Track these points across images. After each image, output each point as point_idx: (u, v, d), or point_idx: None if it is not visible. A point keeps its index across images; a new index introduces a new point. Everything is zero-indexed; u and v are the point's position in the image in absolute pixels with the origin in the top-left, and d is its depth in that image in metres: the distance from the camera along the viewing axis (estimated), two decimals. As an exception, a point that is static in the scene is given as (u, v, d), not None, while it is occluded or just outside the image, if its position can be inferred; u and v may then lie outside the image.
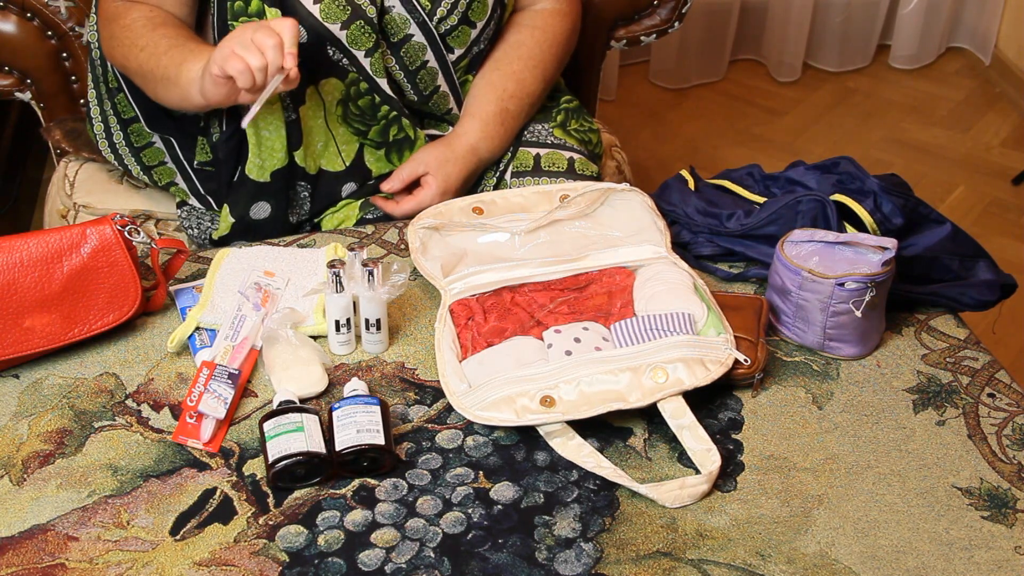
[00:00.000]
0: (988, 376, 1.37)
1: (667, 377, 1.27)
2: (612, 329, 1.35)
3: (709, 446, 1.24)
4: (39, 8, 1.83)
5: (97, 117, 1.72)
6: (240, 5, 1.54)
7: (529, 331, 1.36)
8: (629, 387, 1.27)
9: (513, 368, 1.29)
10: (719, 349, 1.31)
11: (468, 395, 1.28)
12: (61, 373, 1.35)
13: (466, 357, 1.34)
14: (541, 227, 1.48)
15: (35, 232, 1.33)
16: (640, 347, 1.30)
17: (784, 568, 1.14)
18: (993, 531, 1.19)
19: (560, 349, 1.31)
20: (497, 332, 1.36)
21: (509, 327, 1.37)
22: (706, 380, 1.28)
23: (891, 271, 1.34)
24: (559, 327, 1.35)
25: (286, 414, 1.23)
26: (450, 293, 1.42)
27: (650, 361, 1.28)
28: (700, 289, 1.40)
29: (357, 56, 1.56)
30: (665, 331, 1.32)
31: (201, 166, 1.68)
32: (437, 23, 1.60)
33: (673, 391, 1.27)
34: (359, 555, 1.15)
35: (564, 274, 1.46)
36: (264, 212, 1.61)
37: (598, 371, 1.27)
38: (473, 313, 1.40)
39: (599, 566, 1.14)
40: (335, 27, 1.53)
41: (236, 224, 1.61)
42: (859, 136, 3.30)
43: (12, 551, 1.15)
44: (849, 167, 1.51)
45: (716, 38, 3.46)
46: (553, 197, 1.51)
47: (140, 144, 1.69)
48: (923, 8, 3.51)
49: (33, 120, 1.98)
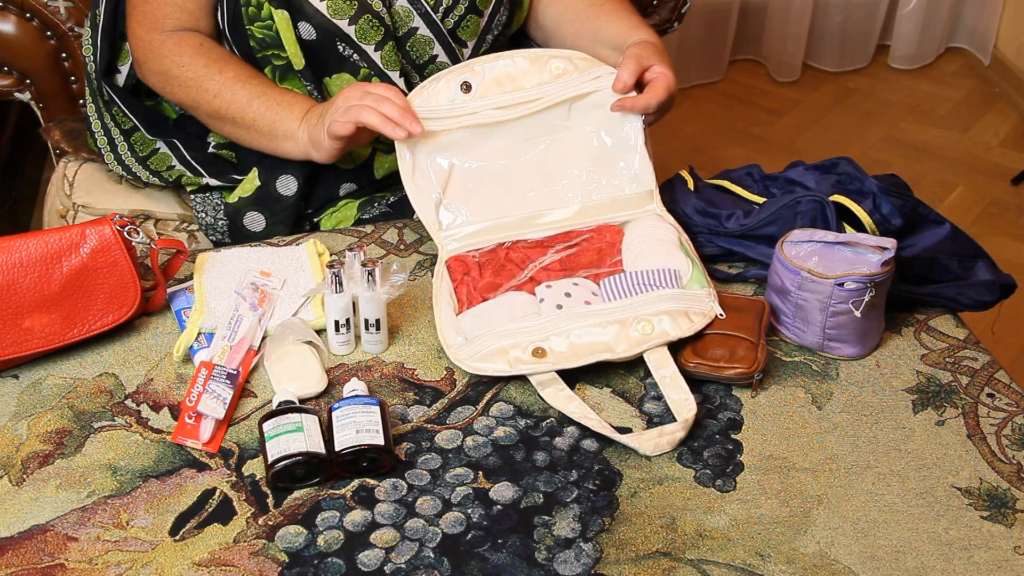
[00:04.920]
0: (987, 376, 1.37)
1: (653, 329, 1.33)
2: (601, 284, 1.40)
3: (687, 396, 1.29)
4: (39, 8, 1.83)
5: (99, 131, 1.72)
6: (254, 10, 1.56)
7: (522, 286, 1.41)
8: (616, 338, 1.33)
9: (506, 321, 1.35)
10: (702, 301, 1.37)
11: (464, 347, 1.34)
12: (61, 373, 1.35)
13: (462, 311, 1.39)
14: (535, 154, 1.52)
15: (34, 232, 1.33)
16: (628, 301, 1.36)
17: (784, 568, 1.14)
18: (992, 531, 1.19)
19: (551, 303, 1.37)
20: (492, 287, 1.41)
21: (503, 282, 1.42)
22: (690, 331, 1.34)
23: (890, 271, 1.34)
24: (550, 282, 1.40)
25: (285, 414, 1.23)
26: (446, 249, 1.47)
27: (637, 314, 1.34)
28: (685, 244, 1.45)
29: (367, 51, 1.56)
30: (652, 286, 1.38)
31: (218, 148, 1.68)
32: (444, 15, 1.60)
33: (658, 342, 1.33)
34: (359, 555, 1.15)
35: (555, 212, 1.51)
36: (290, 188, 1.61)
37: (587, 324, 1.33)
38: (469, 269, 1.44)
39: (599, 566, 1.14)
40: (343, 23, 1.53)
41: (259, 190, 1.61)
42: (858, 136, 3.31)
43: (12, 551, 1.15)
44: (848, 168, 1.51)
45: (716, 38, 3.46)
46: (544, 65, 1.51)
47: (145, 152, 1.69)
48: (922, 8, 3.51)
49: (32, 120, 1.98)
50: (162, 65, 1.59)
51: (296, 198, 1.61)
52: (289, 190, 1.61)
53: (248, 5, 1.56)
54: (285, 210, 1.62)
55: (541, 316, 1.35)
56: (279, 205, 1.61)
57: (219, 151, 1.67)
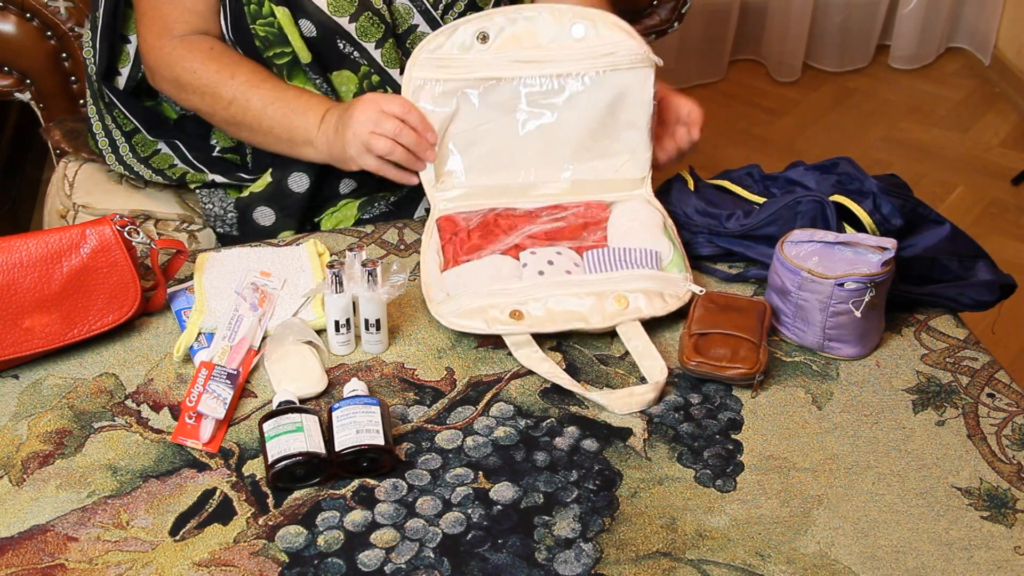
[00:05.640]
0: (988, 376, 1.37)
1: (628, 305, 1.37)
2: (584, 256, 1.44)
3: (660, 362, 1.33)
4: (39, 8, 1.83)
5: (100, 132, 1.72)
6: (255, 8, 1.56)
7: (508, 251, 1.45)
8: (592, 310, 1.37)
9: (489, 282, 1.39)
10: (679, 285, 1.40)
11: (445, 303, 1.39)
12: (61, 373, 1.35)
13: (448, 268, 1.43)
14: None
15: (35, 232, 1.33)
16: (607, 274, 1.40)
17: (784, 568, 1.14)
18: (993, 531, 1.19)
19: (534, 269, 1.41)
20: (478, 248, 1.46)
21: (489, 245, 1.46)
22: (663, 311, 1.38)
23: (891, 271, 1.34)
24: (535, 249, 1.44)
25: (286, 414, 1.23)
26: (439, 208, 1.51)
27: (614, 288, 1.38)
28: (669, 229, 1.49)
29: (367, 48, 1.57)
30: (633, 264, 1.42)
31: (223, 152, 1.67)
32: (444, 12, 1.60)
33: (631, 317, 1.37)
34: (359, 555, 1.15)
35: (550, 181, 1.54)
36: (302, 185, 1.62)
37: (566, 292, 1.38)
38: (458, 230, 1.48)
39: (599, 566, 1.14)
40: (343, 20, 1.54)
41: (271, 186, 1.62)
42: (859, 136, 3.31)
43: (12, 551, 1.15)
44: (848, 168, 1.51)
45: (716, 38, 3.46)
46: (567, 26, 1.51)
47: (147, 153, 1.69)
48: (922, 8, 3.51)
49: (32, 120, 1.98)
50: (173, 72, 1.59)
51: (308, 194, 1.62)
52: (301, 187, 1.62)
53: (249, 3, 1.56)
54: (295, 205, 1.62)
55: (523, 280, 1.40)
56: (290, 200, 1.62)
57: (224, 155, 1.67)
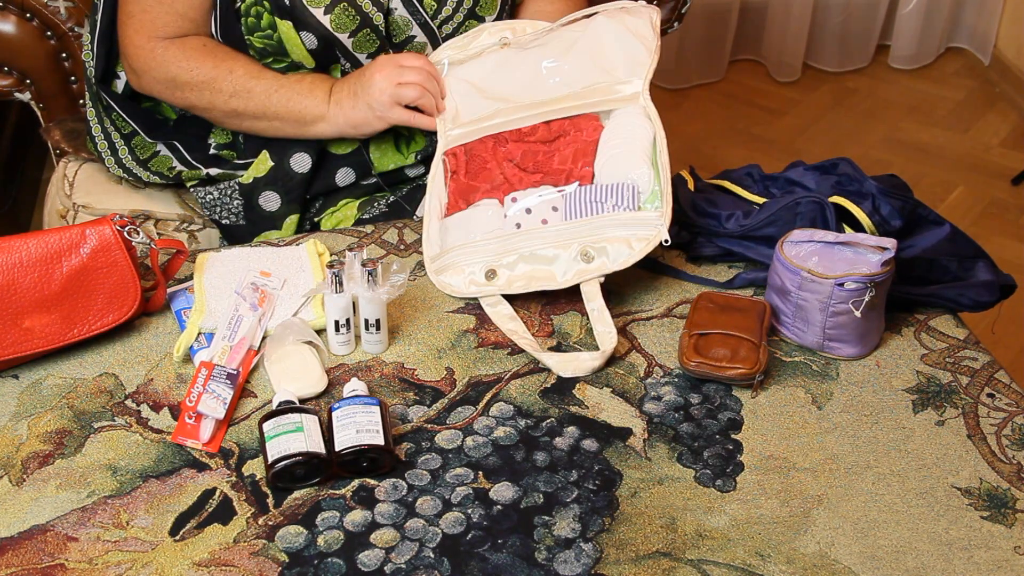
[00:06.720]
0: (987, 376, 1.37)
1: (592, 260, 1.44)
2: (564, 197, 1.48)
3: (611, 329, 1.39)
4: (39, 8, 1.83)
5: (99, 135, 1.72)
6: (253, 21, 1.56)
7: (497, 190, 1.52)
8: (559, 268, 1.45)
9: (474, 235, 1.48)
10: (650, 226, 1.43)
11: (432, 260, 1.49)
12: (61, 373, 1.35)
13: (448, 215, 1.52)
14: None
15: (35, 232, 1.33)
16: (580, 224, 1.45)
17: (784, 568, 1.14)
18: (992, 531, 1.19)
19: (512, 221, 1.48)
20: (470, 190, 1.53)
21: (480, 184, 1.53)
22: (628, 262, 1.43)
23: (890, 271, 1.34)
24: (516, 194, 1.50)
25: (285, 414, 1.23)
26: (448, 137, 1.57)
27: (585, 240, 1.44)
28: (657, 146, 1.50)
29: (359, 59, 1.59)
30: (609, 204, 1.45)
31: (219, 149, 1.68)
32: (441, 23, 1.60)
33: (596, 275, 1.43)
34: (359, 555, 1.15)
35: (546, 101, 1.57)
36: (304, 165, 1.63)
37: (538, 246, 1.45)
38: (457, 168, 1.54)
39: (599, 566, 1.14)
40: (343, 35, 1.55)
41: (273, 169, 1.62)
42: (858, 136, 3.30)
43: (12, 551, 1.15)
44: (848, 169, 1.51)
45: (716, 38, 3.46)
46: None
47: (146, 156, 1.69)
48: (922, 8, 3.51)
49: (32, 120, 1.98)
50: (168, 72, 1.59)
51: (310, 174, 1.63)
52: (303, 167, 1.63)
53: (247, 16, 1.56)
54: (298, 188, 1.63)
55: (502, 233, 1.47)
56: (293, 183, 1.63)
57: (220, 152, 1.67)
